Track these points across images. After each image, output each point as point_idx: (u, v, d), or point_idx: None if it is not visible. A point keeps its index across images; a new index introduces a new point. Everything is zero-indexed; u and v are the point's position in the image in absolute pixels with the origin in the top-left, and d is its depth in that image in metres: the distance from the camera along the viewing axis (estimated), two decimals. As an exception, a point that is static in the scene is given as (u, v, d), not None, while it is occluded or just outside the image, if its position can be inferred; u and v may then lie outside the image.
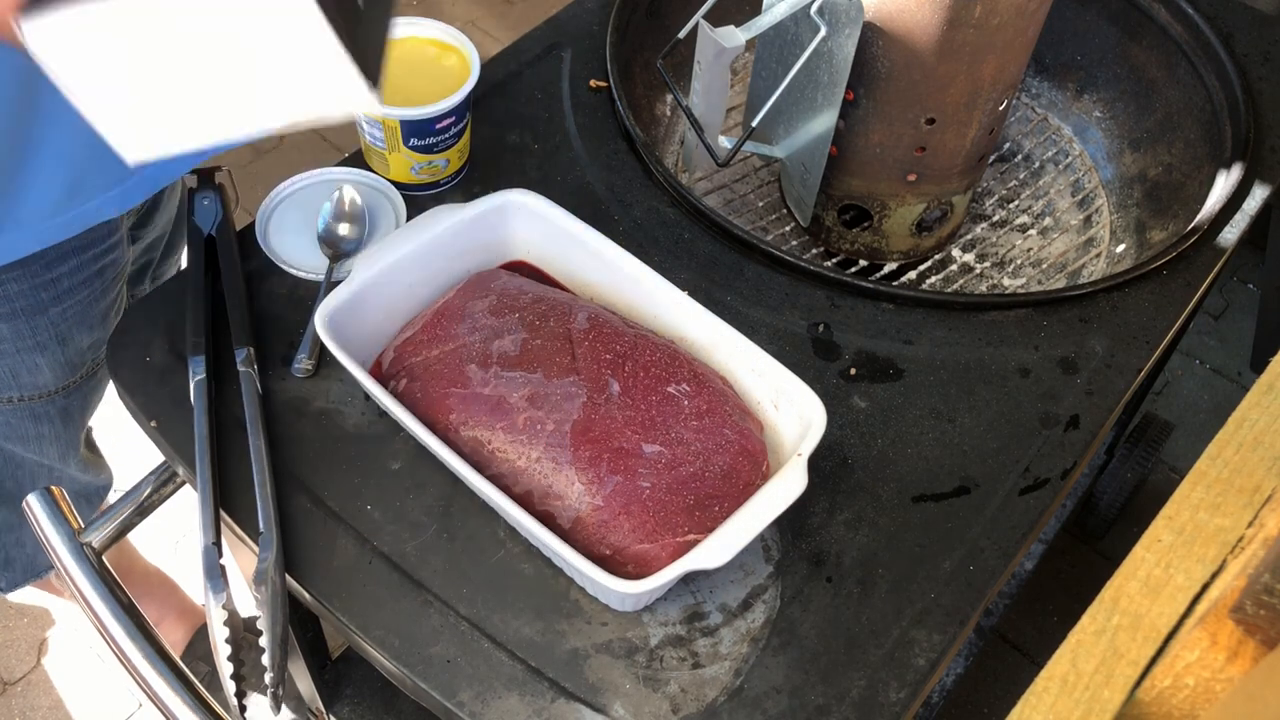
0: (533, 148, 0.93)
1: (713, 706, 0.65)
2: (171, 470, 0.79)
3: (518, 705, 0.64)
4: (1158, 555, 0.50)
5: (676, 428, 0.69)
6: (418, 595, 0.68)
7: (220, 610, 0.66)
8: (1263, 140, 0.96)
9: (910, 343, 0.83)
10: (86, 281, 0.87)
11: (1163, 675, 0.45)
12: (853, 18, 0.78)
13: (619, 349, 0.71)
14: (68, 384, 0.93)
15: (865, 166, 0.91)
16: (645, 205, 0.90)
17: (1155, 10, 1.02)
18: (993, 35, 0.80)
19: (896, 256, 0.99)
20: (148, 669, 0.71)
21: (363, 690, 1.09)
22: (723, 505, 0.67)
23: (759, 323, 0.83)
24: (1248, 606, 0.43)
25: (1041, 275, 0.99)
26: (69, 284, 0.86)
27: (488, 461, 0.68)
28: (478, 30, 2.41)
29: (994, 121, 0.89)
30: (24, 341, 0.86)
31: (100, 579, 0.74)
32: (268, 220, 0.86)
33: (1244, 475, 0.52)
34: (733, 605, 0.69)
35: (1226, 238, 0.89)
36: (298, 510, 0.72)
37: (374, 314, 0.76)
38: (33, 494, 0.76)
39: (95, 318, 0.92)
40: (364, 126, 0.86)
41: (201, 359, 0.76)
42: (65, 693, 1.48)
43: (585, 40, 1.01)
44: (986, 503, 0.74)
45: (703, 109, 0.88)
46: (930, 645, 0.68)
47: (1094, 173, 1.07)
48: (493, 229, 0.80)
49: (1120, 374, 0.82)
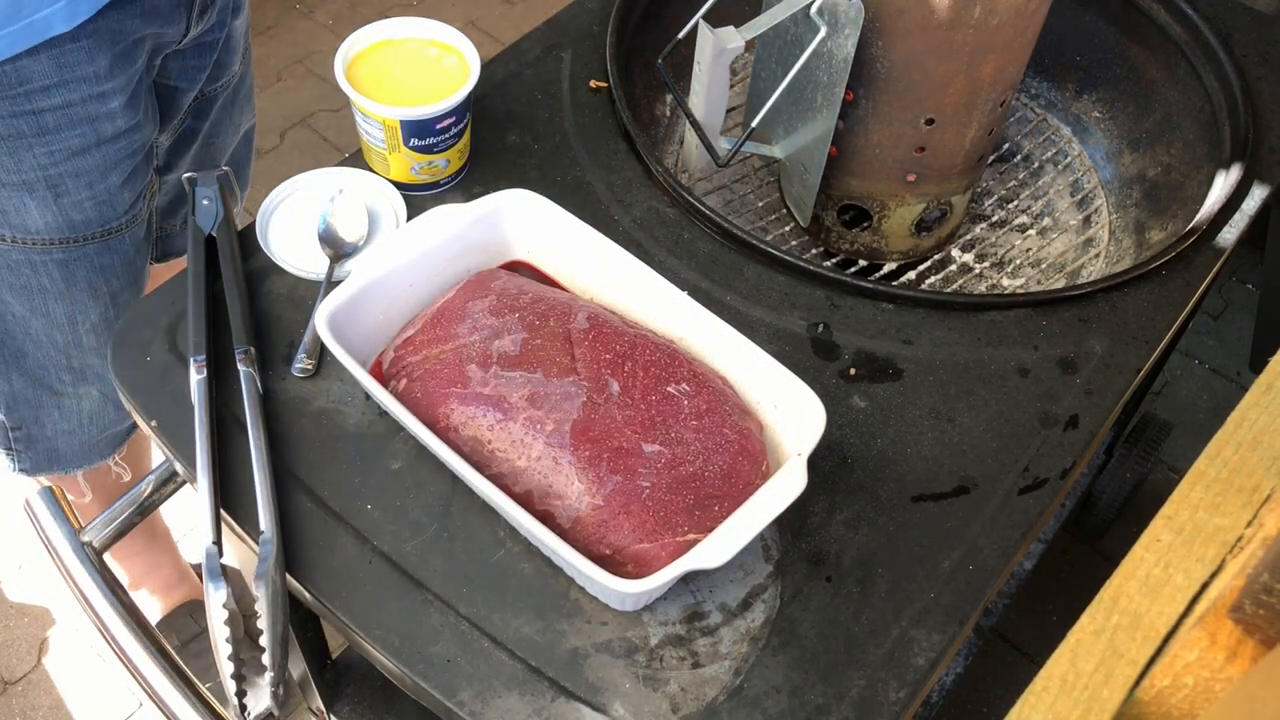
0: (533, 148, 0.93)
1: (713, 706, 0.65)
2: (172, 470, 0.79)
3: (518, 705, 0.64)
4: (1157, 555, 0.50)
5: (676, 427, 0.69)
6: (418, 595, 0.68)
7: (220, 610, 0.66)
8: (1262, 140, 0.96)
9: (910, 343, 0.83)
10: (73, 124, 0.85)
11: (1162, 675, 0.45)
12: (852, 18, 0.78)
13: (619, 349, 0.71)
14: (65, 239, 0.92)
15: (865, 166, 0.91)
16: (645, 205, 0.90)
17: (1154, 11, 1.02)
18: (992, 35, 0.80)
19: (896, 256, 0.99)
20: (148, 668, 0.71)
21: (363, 690, 1.09)
22: (722, 505, 0.67)
23: (759, 323, 0.83)
24: (1247, 606, 0.43)
25: (1041, 275, 0.99)
26: (52, 121, 0.84)
27: (488, 461, 0.68)
28: (478, 30, 2.41)
29: (993, 122, 0.89)
30: (8, 176, 0.85)
31: (100, 579, 0.74)
32: (268, 220, 0.86)
33: (1243, 475, 0.52)
34: (733, 605, 0.69)
35: (1225, 238, 0.89)
36: (298, 510, 0.72)
37: (374, 314, 0.76)
38: (33, 493, 0.76)
39: (94, 176, 0.89)
40: (364, 127, 0.86)
41: (202, 359, 0.76)
42: (66, 692, 1.48)
43: (585, 40, 1.01)
44: (986, 502, 0.74)
45: (703, 109, 0.88)
46: (930, 645, 0.68)
47: (1093, 173, 1.07)
48: (493, 229, 0.80)
49: (1119, 374, 0.82)
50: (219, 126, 1.08)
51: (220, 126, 1.09)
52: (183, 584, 1.49)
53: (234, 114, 1.10)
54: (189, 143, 1.06)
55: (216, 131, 1.09)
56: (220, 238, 0.83)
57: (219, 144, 1.10)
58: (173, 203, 1.10)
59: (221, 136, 1.10)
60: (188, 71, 0.98)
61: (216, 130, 1.08)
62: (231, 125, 1.11)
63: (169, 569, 1.47)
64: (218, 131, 1.09)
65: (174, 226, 1.12)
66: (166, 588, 1.47)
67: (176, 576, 1.48)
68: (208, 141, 1.08)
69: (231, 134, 1.12)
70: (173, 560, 1.48)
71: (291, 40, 2.37)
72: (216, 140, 1.09)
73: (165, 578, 1.47)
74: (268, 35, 2.37)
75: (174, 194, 1.10)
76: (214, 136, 1.09)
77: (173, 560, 1.48)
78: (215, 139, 1.09)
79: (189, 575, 1.50)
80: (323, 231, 0.85)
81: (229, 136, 1.11)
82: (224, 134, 1.10)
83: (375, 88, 0.85)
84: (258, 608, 0.66)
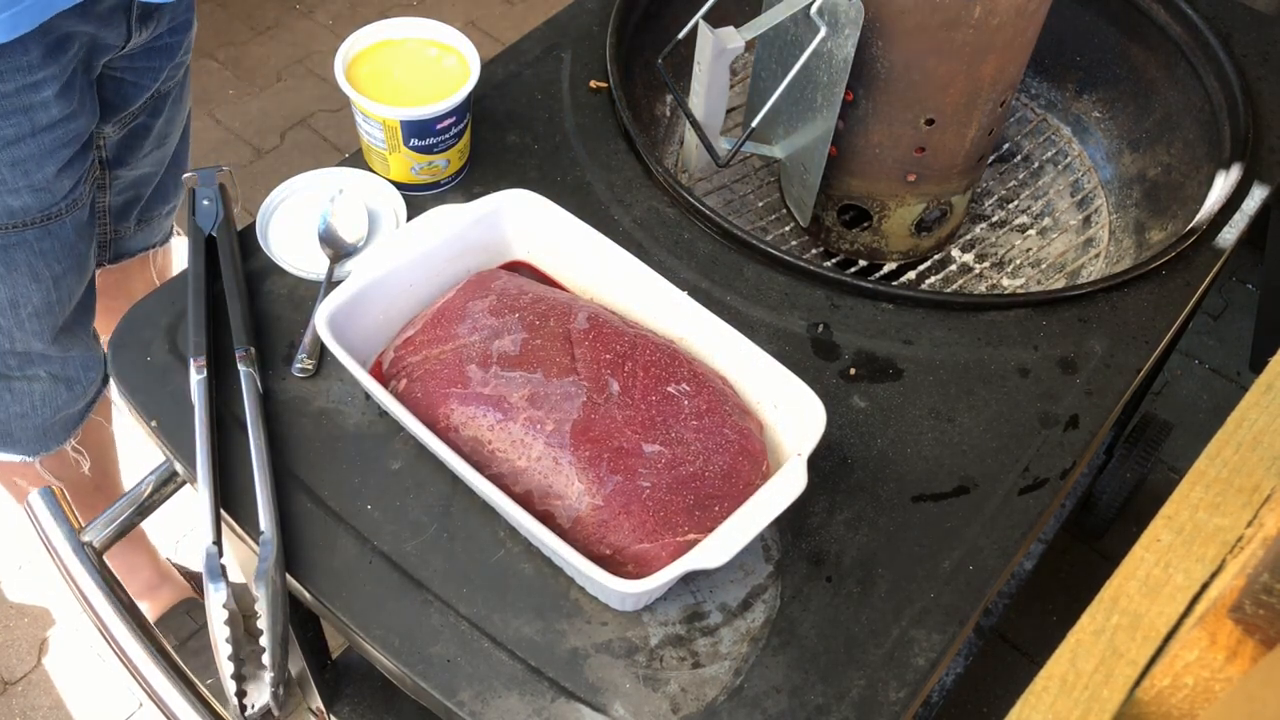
0: (533, 148, 0.93)
1: (713, 706, 0.65)
2: (172, 470, 0.79)
3: (518, 705, 0.64)
4: (1157, 555, 0.50)
5: (676, 427, 0.69)
6: (418, 595, 0.68)
7: (220, 610, 0.66)
8: (1261, 140, 0.96)
9: (910, 343, 0.83)
10: (6, 114, 0.85)
11: (1162, 675, 0.45)
12: (852, 18, 0.78)
13: (619, 349, 0.71)
14: (3, 225, 0.92)
15: (865, 167, 0.91)
16: (645, 205, 0.90)
17: (1154, 11, 1.02)
18: (992, 35, 0.80)
19: (896, 257, 0.99)
20: (149, 668, 0.71)
21: (363, 690, 1.09)
22: (723, 505, 0.67)
23: (759, 323, 0.83)
24: (1247, 606, 0.43)
25: (1041, 275, 0.99)
26: None
27: (488, 461, 0.68)
28: (478, 30, 2.41)
29: (993, 122, 0.89)
30: None
31: (100, 579, 0.74)
32: (268, 220, 0.86)
33: (1243, 475, 0.52)
34: (733, 605, 0.69)
35: (1225, 238, 0.89)
36: (298, 510, 0.72)
37: (374, 314, 0.76)
38: (33, 493, 0.76)
39: (31, 165, 0.89)
40: (364, 127, 0.86)
41: (202, 359, 0.76)
42: (65, 692, 1.48)
43: (585, 41, 1.01)
44: (986, 502, 0.74)
45: (703, 109, 0.88)
46: (930, 645, 0.68)
47: (1093, 173, 1.07)
48: (493, 229, 0.80)
49: (1119, 374, 0.82)
50: (171, 124, 1.10)
51: (172, 123, 1.10)
52: (165, 585, 1.46)
53: (182, 105, 1.11)
54: (141, 138, 1.07)
55: (169, 129, 1.10)
56: (220, 238, 0.83)
57: (171, 137, 1.12)
58: (126, 204, 1.11)
59: (173, 131, 1.11)
60: (140, 71, 0.99)
61: (169, 127, 1.10)
62: (180, 116, 1.12)
63: (148, 570, 1.44)
64: (170, 129, 1.10)
65: (127, 228, 1.13)
66: (148, 589, 1.45)
67: (157, 578, 1.46)
68: (161, 137, 1.09)
69: (179, 124, 1.13)
70: (151, 561, 1.45)
71: (291, 40, 2.37)
72: (170, 134, 1.11)
73: (145, 579, 1.44)
74: (268, 35, 2.37)
75: (128, 194, 1.10)
76: (167, 134, 1.10)
77: (151, 561, 1.45)
78: (169, 135, 1.11)
79: (171, 575, 1.48)
80: (323, 231, 0.85)
81: (177, 127, 1.13)
82: (175, 127, 1.12)
83: (375, 88, 0.85)
84: (258, 608, 0.66)
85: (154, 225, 1.20)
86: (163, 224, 1.22)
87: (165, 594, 1.47)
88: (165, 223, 1.22)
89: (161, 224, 1.21)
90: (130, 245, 1.18)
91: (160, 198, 1.18)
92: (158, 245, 1.23)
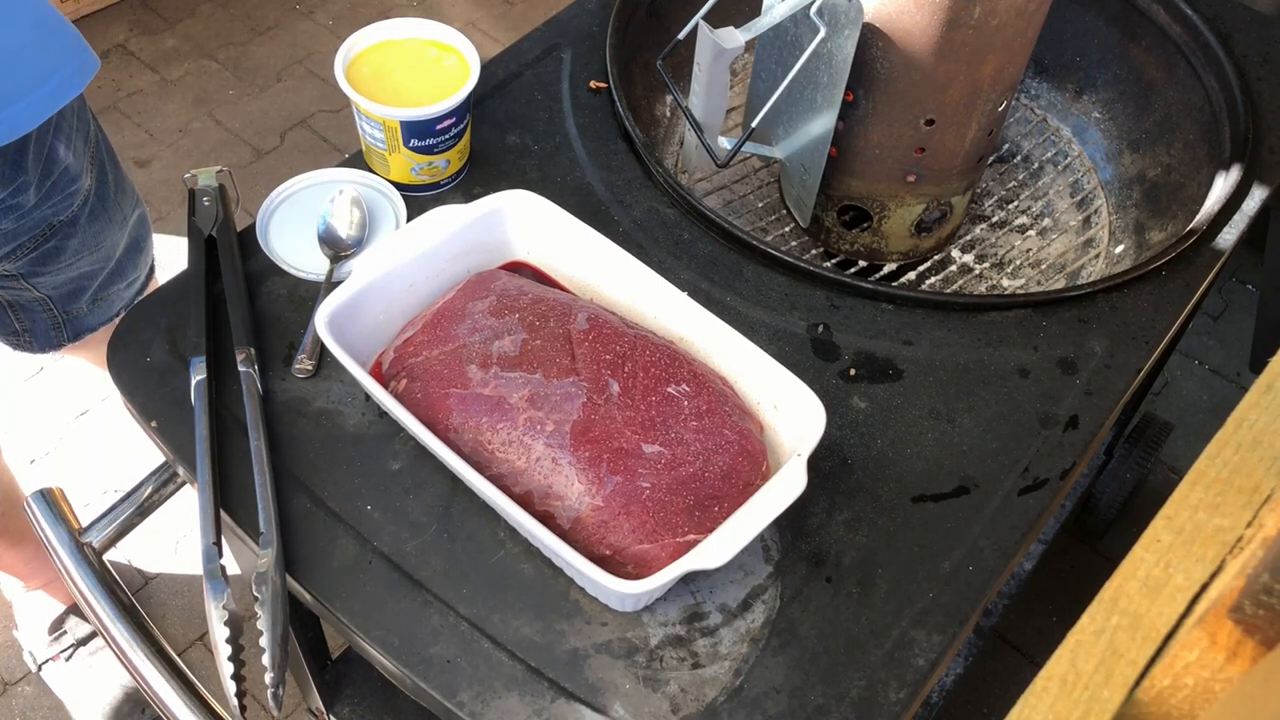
0: (533, 148, 0.93)
1: (712, 706, 0.65)
2: (172, 470, 0.79)
3: (518, 705, 0.64)
4: (1157, 555, 0.50)
5: (676, 428, 0.69)
6: (418, 595, 0.68)
7: (220, 610, 0.66)
8: (1261, 141, 0.96)
9: (910, 343, 0.83)
10: None
11: (1162, 675, 0.45)
12: (852, 19, 0.78)
13: (619, 349, 0.71)
14: None
15: (865, 167, 0.91)
16: (645, 205, 0.90)
17: (1154, 11, 1.02)
18: (992, 36, 0.80)
19: (896, 257, 0.99)
20: (148, 669, 0.71)
21: (363, 690, 1.09)
22: (722, 505, 0.67)
23: (759, 323, 0.83)
24: (1246, 606, 0.43)
25: (1041, 276, 0.99)
26: None
27: (488, 462, 0.68)
28: (478, 31, 2.41)
29: (993, 122, 0.89)
30: None
31: (100, 579, 0.74)
32: (268, 221, 0.86)
33: (1243, 475, 0.52)
34: (732, 605, 0.69)
35: (1225, 239, 0.89)
36: (298, 510, 0.72)
37: (374, 314, 0.76)
38: (33, 494, 0.76)
39: None
40: (364, 127, 0.86)
41: (202, 359, 0.76)
42: (65, 693, 1.48)
43: (585, 41, 1.01)
44: (986, 503, 0.74)
45: (702, 110, 0.88)
46: (930, 645, 0.68)
47: (1093, 173, 1.07)
48: (493, 230, 0.80)
49: (1119, 374, 0.82)
50: (100, 235, 1.04)
51: (98, 236, 1.04)
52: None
53: (109, 214, 1.05)
54: (55, 257, 1.01)
55: (98, 240, 1.04)
56: (220, 238, 0.83)
57: (106, 241, 1.06)
58: (72, 293, 1.06)
59: (105, 237, 1.05)
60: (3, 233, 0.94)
61: (98, 239, 1.04)
62: (111, 224, 1.06)
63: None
64: (96, 242, 1.04)
65: (80, 309, 1.08)
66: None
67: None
68: (91, 248, 1.03)
69: (117, 229, 1.07)
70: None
71: (291, 41, 2.37)
72: (103, 240, 1.05)
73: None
74: (268, 36, 2.37)
75: (69, 287, 1.05)
76: (98, 244, 1.04)
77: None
78: (100, 243, 1.05)
79: None
80: (323, 232, 0.85)
81: (112, 233, 1.06)
82: (105, 235, 1.05)
83: (375, 88, 0.85)
84: (257, 608, 0.66)
85: (112, 299, 1.12)
86: (124, 295, 1.13)
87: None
88: (126, 293, 1.13)
89: (122, 295, 1.13)
90: (88, 322, 1.11)
91: (116, 277, 1.10)
92: (120, 314, 1.14)
